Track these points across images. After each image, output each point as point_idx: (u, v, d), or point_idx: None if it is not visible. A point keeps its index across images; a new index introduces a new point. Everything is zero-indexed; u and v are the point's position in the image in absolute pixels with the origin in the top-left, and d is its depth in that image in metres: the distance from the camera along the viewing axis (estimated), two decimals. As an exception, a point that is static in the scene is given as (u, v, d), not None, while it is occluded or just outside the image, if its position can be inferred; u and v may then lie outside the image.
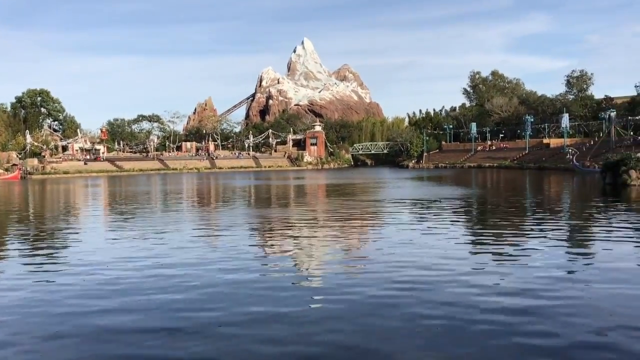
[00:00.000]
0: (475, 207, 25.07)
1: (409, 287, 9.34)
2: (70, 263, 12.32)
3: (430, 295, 8.84)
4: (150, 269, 11.43)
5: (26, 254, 14.01)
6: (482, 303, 8.33)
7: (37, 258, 13.17)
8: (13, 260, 13.17)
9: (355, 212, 22.66)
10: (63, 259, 13.03)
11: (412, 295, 8.89)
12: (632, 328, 7.07)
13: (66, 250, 14.54)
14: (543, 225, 17.04)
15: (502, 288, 9.22)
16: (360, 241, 15.15)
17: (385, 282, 9.75)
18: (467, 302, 8.42)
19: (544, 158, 77.05)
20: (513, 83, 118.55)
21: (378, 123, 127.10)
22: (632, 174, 33.23)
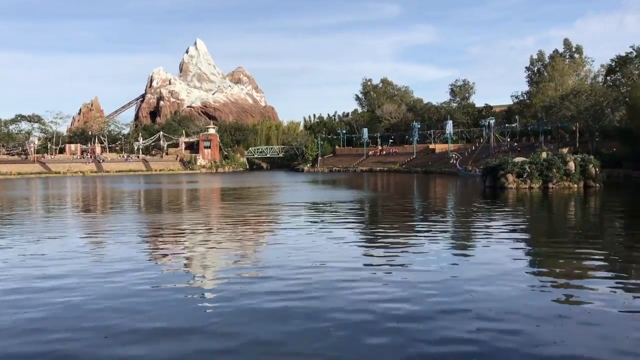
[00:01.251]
0: (367, 210, 25.76)
1: (305, 296, 9.30)
2: None
3: (324, 302, 8.88)
4: (26, 280, 10.55)
5: None
6: (375, 307, 8.49)
7: None
8: None
9: (250, 216, 22.45)
10: None
11: (307, 303, 8.88)
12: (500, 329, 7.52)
13: None
14: (429, 226, 17.83)
15: (391, 291, 9.48)
16: (255, 247, 14.96)
17: (281, 290, 9.67)
18: (361, 307, 8.55)
19: (430, 162, 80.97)
20: (402, 90, 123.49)
21: (273, 127, 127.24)
22: (509, 178, 35.72)
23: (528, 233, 16.96)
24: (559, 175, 35.22)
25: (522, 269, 11.28)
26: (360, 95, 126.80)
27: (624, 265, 11.60)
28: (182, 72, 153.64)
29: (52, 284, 10.26)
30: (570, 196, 30.34)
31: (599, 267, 11.25)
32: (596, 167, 36.08)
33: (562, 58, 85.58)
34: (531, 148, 66.51)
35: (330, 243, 14.76)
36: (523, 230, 17.42)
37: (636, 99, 52.84)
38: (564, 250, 13.51)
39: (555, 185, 34.87)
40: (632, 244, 14.60)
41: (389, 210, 25.23)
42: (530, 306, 8.33)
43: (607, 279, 10.19)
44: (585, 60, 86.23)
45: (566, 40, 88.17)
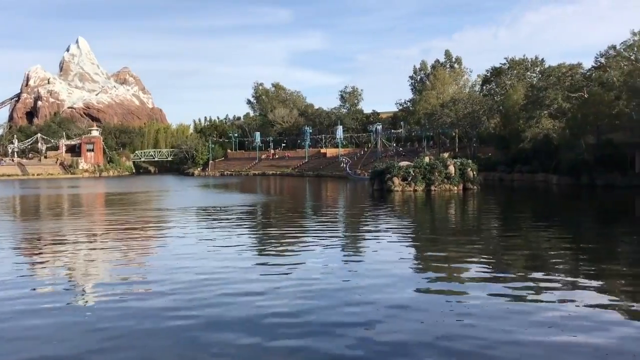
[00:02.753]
0: (260, 214, 25.74)
1: (193, 305, 9.06)
2: None
3: (213, 312, 8.76)
4: None
5: None
6: (263, 321, 8.52)
7: None
8: None
9: (136, 224, 21.62)
10: None
11: (197, 313, 8.73)
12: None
13: None
14: (321, 228, 18.17)
15: (282, 293, 9.56)
16: (142, 256, 14.41)
17: (170, 302, 9.40)
18: (251, 321, 8.54)
19: (322, 166, 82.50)
20: (294, 95, 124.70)
21: (162, 129, 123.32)
22: (395, 181, 37.27)
23: (412, 232, 17.85)
24: (440, 179, 37.27)
25: (409, 267, 11.82)
26: (253, 99, 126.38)
27: (500, 262, 12.52)
28: (62, 71, 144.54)
29: None
30: (450, 198, 32.22)
31: (476, 262, 12.06)
32: (474, 170, 38.59)
33: (443, 68, 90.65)
34: (415, 153, 69.87)
35: (221, 250, 14.56)
36: (408, 229, 18.30)
37: (509, 107, 57.18)
38: (444, 247, 14.35)
39: (437, 188, 36.86)
40: (506, 241, 15.82)
41: (281, 214, 25.39)
42: (425, 304, 8.78)
43: (485, 272, 10.96)
44: (464, 71, 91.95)
45: (447, 51, 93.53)
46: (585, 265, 11.82)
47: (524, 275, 10.74)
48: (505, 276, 10.73)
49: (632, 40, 46.39)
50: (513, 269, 11.49)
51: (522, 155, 50.79)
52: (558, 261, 12.23)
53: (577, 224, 20.47)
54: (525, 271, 11.23)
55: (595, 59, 52.60)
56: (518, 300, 8.78)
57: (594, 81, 48.08)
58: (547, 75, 54.51)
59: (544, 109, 50.63)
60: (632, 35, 46.32)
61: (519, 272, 11.11)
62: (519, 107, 54.20)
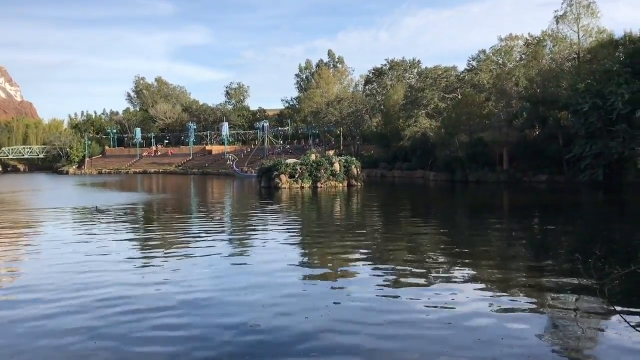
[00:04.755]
0: (140, 214, 24.69)
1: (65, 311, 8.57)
2: None
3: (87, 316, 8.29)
4: None
5: None
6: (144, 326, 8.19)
7: None
8: None
9: (5, 224, 19.90)
10: None
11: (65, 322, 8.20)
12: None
13: None
14: (205, 228, 17.81)
15: (164, 296, 9.27)
16: (11, 265, 13.30)
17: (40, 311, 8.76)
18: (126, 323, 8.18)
19: (207, 164, 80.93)
20: (177, 90, 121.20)
21: (32, 125, 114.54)
22: (282, 178, 37.44)
23: (301, 228, 18.02)
24: (326, 176, 38.02)
25: (296, 265, 11.90)
26: (133, 94, 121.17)
27: (380, 252, 12.99)
28: None
29: None
30: (336, 194, 32.97)
31: (360, 255, 12.42)
32: (357, 167, 39.77)
33: (327, 67, 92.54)
34: (302, 150, 70.72)
35: (99, 255, 13.83)
36: (296, 225, 18.45)
37: (389, 107, 59.59)
38: (329, 241, 14.64)
39: (323, 185, 37.56)
40: (387, 233, 16.46)
41: (163, 214, 24.55)
42: (307, 297, 8.85)
43: (367, 265, 11.30)
44: (347, 70, 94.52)
45: (330, 51, 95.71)
46: (459, 256, 12.58)
47: (401, 268, 11.21)
48: (381, 267, 11.15)
49: (499, 46, 50.31)
50: (390, 261, 11.96)
51: (402, 152, 53.14)
52: (432, 250, 12.93)
53: (450, 216, 21.81)
54: (402, 263, 11.72)
55: (467, 62, 56.49)
56: (390, 290, 9.14)
57: (467, 83, 51.48)
58: (425, 76, 57.53)
59: (422, 108, 53.37)
60: (500, 40, 50.30)
61: (395, 265, 11.58)
62: (398, 106, 56.70)
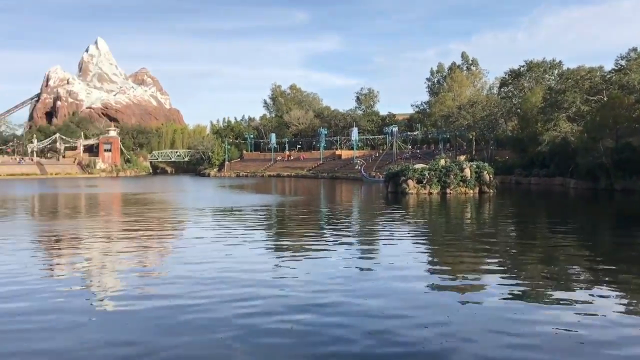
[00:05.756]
0: (274, 215, 25.74)
1: (207, 306, 9.16)
2: None
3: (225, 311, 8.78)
4: None
5: None
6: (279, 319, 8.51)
7: None
8: None
9: (153, 223, 21.76)
10: None
11: (206, 313, 8.74)
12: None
13: None
14: (336, 230, 18.13)
15: (298, 295, 9.55)
16: (158, 259, 14.51)
17: (183, 302, 9.46)
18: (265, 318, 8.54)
19: (337, 168, 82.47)
20: (310, 97, 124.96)
21: (179, 130, 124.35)
22: (409, 184, 37.11)
23: (428, 235, 17.70)
24: (456, 182, 37.04)
25: (425, 271, 11.73)
26: (269, 101, 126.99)
27: (514, 264, 12.39)
28: (81, 72, 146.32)
29: None
30: (466, 201, 31.99)
31: (491, 266, 11.94)
32: (490, 174, 38.30)
33: (460, 70, 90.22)
34: (431, 155, 69.57)
35: (238, 252, 14.61)
36: (424, 233, 18.16)
37: (526, 110, 56.72)
38: (458, 250, 14.22)
39: (452, 191, 36.63)
40: (522, 244, 15.65)
41: (296, 215, 25.37)
42: (435, 304, 8.70)
43: (498, 277, 10.84)
44: (481, 73, 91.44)
45: (464, 54, 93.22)
46: (604, 273, 11.63)
47: (538, 283, 10.60)
48: (518, 282, 10.62)
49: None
50: (528, 276, 11.35)
51: (539, 158, 50.33)
52: (575, 267, 12.07)
53: (595, 229, 20.20)
54: (540, 279, 11.08)
55: (615, 62, 52.07)
56: (526, 303, 8.67)
57: (614, 84, 47.50)
58: (566, 78, 54.04)
59: (562, 112, 50.18)
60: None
61: (533, 280, 10.97)
62: (537, 110, 53.78)
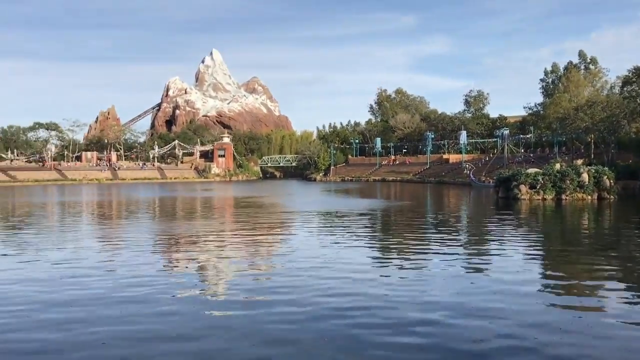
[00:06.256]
0: (380, 220, 25.85)
1: (317, 308, 9.48)
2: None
3: (341, 316, 9.04)
4: (43, 292, 10.88)
5: None
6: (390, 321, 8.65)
7: None
8: None
9: (264, 225, 22.68)
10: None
11: (321, 317, 9.05)
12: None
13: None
14: (444, 237, 17.91)
15: (409, 302, 9.63)
16: (269, 255, 15.17)
17: (293, 301, 9.86)
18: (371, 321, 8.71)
19: (444, 173, 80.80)
20: (416, 101, 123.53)
21: (287, 136, 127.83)
22: (522, 189, 35.64)
23: (542, 245, 16.97)
24: (572, 187, 35.07)
25: (539, 282, 11.35)
26: (375, 105, 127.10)
27: (638, 277, 11.65)
28: (198, 82, 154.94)
29: (56, 295, 10.55)
30: (583, 207, 30.21)
31: (612, 281, 11.30)
32: (610, 178, 35.87)
33: (576, 69, 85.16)
34: (545, 159, 66.22)
35: (347, 256, 14.92)
36: (537, 242, 17.44)
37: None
38: (575, 261, 13.56)
39: (568, 197, 34.73)
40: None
41: (402, 220, 25.31)
42: (549, 318, 8.46)
43: (620, 292, 10.26)
44: (601, 72, 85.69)
45: (581, 52, 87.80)
46: None
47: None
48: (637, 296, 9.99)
49: None
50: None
51: (668, 162, 46.37)
52: None
53: None
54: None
55: None
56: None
57: None
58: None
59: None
60: None
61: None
62: (665, 110, 49.57)
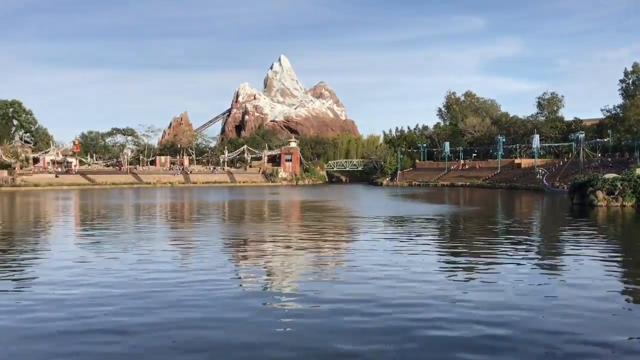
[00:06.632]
0: (450, 226, 25.40)
1: (385, 312, 9.46)
2: (36, 281, 12.21)
3: (411, 329, 8.98)
4: (123, 287, 11.40)
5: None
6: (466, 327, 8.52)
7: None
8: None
9: (330, 229, 22.80)
10: (29, 274, 12.90)
11: (389, 321, 9.03)
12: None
13: (31, 267, 14.35)
14: (516, 245, 17.39)
15: (478, 311, 9.45)
16: (336, 261, 15.24)
17: (359, 306, 9.88)
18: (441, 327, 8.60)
19: (515, 178, 78.37)
20: (487, 104, 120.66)
21: (353, 140, 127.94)
22: (598, 195, 34.05)
23: (622, 255, 16.14)
24: (655, 193, 33.15)
25: (619, 298, 10.83)
26: (443, 109, 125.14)
27: None
28: (266, 88, 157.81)
29: (137, 292, 11.02)
30: (668, 216, 28.53)
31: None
32: (698, 185, 33.64)
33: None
34: (624, 164, 62.98)
35: (413, 262, 14.78)
36: (617, 252, 16.60)
37: None
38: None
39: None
40: None
41: (472, 227, 24.77)
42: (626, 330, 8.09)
43: None
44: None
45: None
46: None
47: None
48: None
49: None
50: None
51: None
52: None
53: None
54: None
55: None
56: None
57: None
58: None
59: None
60: None
61: None
62: None
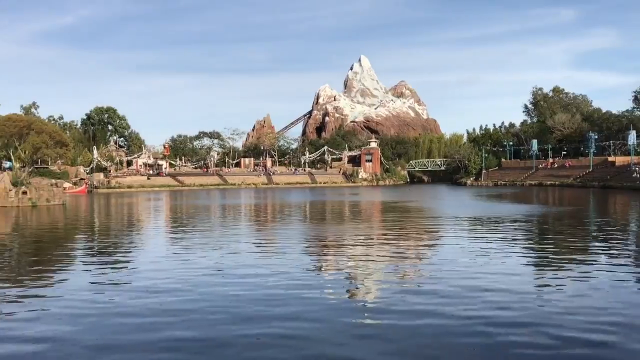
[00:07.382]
0: (539, 227, 24.29)
1: (467, 315, 9.17)
2: (132, 277, 12.79)
3: (498, 332, 8.65)
4: (210, 286, 11.72)
5: (89, 267, 14.58)
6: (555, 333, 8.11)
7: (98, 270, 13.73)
8: (76, 273, 13.76)
9: (411, 231, 22.45)
10: (125, 270, 13.53)
11: (473, 323, 8.73)
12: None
13: (127, 264, 15.05)
14: (610, 248, 16.38)
15: (567, 316, 8.95)
16: (418, 263, 14.96)
17: (444, 308, 9.62)
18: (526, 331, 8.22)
19: (609, 176, 73.96)
20: (577, 99, 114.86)
21: (435, 139, 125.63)
22: None
23: None
24: None
25: None
26: (530, 105, 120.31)
27: None
28: (346, 88, 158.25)
29: (223, 288, 11.26)
30: None
31: None
32: None
33: None
34: None
35: (501, 265, 14.26)
36: None
37: None
38: None
39: None
40: None
41: (562, 228, 23.54)
42: None
43: None
44: None
45: None
46: None
47: None
48: None
49: None
50: None
51: None
52: None
53: None
54: None
55: None
56: None
57: None
58: None
59: None
60: None
61: None
62: None
